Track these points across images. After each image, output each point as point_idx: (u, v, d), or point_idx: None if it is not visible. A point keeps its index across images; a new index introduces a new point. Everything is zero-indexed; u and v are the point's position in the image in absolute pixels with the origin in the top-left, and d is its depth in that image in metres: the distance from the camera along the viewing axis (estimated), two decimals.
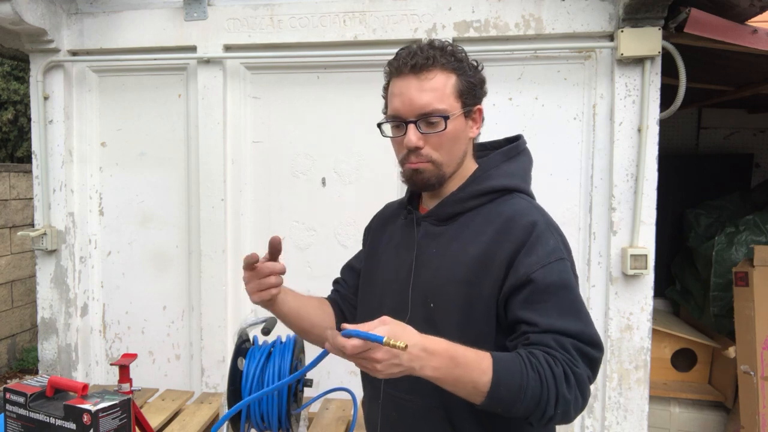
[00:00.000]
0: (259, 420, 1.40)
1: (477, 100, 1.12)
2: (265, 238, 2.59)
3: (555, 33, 2.31)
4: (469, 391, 0.92)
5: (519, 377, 0.91)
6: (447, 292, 1.09)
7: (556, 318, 0.98)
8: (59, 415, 1.20)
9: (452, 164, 1.11)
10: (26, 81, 6.42)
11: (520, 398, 0.91)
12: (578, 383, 0.94)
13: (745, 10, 2.03)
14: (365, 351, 0.85)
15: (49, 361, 2.69)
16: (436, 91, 1.05)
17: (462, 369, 0.90)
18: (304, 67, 2.50)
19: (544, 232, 1.05)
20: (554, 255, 1.03)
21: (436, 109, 1.05)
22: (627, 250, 2.26)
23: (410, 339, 0.87)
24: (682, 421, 3.09)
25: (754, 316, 2.72)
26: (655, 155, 2.26)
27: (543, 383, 0.91)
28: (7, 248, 4.66)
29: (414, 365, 0.88)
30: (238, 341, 1.48)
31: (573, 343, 0.97)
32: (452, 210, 1.14)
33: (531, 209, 1.10)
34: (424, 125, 1.06)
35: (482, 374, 0.90)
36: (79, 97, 2.67)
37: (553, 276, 1.00)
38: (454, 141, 1.09)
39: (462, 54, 1.11)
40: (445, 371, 0.90)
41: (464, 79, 1.09)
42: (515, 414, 0.92)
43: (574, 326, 0.98)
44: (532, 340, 0.97)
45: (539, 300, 0.99)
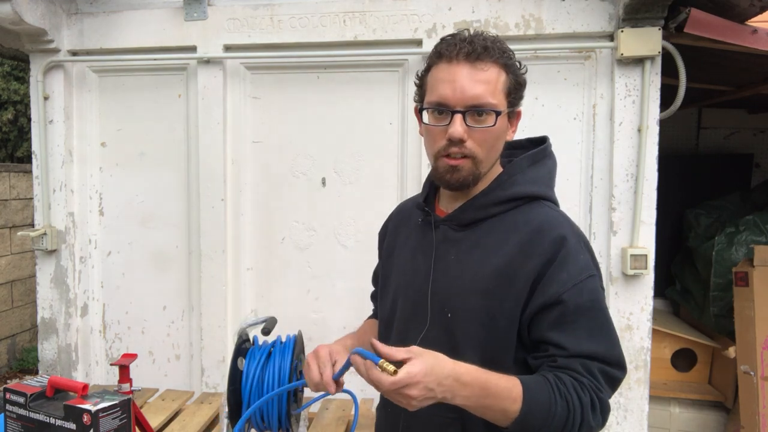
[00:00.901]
0: (259, 420, 1.40)
1: (520, 102, 1.09)
2: (265, 238, 2.60)
3: (555, 33, 2.31)
4: (498, 418, 0.93)
5: (547, 405, 0.91)
6: (466, 302, 1.05)
7: (584, 340, 0.97)
8: (59, 415, 1.20)
9: (489, 164, 1.06)
10: (26, 81, 6.42)
11: (547, 425, 0.92)
12: (602, 409, 0.96)
13: (745, 10, 2.03)
14: (401, 387, 0.85)
15: (49, 361, 2.69)
16: (489, 83, 0.99)
17: (493, 399, 0.90)
18: (304, 67, 2.50)
19: (574, 246, 1.01)
20: (585, 272, 1.00)
21: (489, 102, 0.99)
22: (627, 250, 2.26)
23: (443, 371, 0.87)
24: (682, 421, 3.09)
25: (754, 316, 2.72)
26: (655, 155, 2.26)
27: (570, 411, 0.92)
28: (7, 248, 4.66)
29: (447, 395, 0.88)
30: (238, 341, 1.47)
31: (600, 368, 0.97)
32: (474, 215, 1.08)
33: (560, 221, 1.05)
34: (471, 118, 0.99)
35: (513, 403, 0.91)
36: (79, 97, 2.67)
37: (584, 296, 0.98)
38: (497, 139, 1.04)
39: (511, 52, 1.06)
40: (476, 400, 0.90)
41: (513, 78, 1.04)
42: None
43: (602, 349, 0.98)
44: (559, 363, 0.97)
45: (569, 322, 0.98)
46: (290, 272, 2.59)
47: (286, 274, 2.59)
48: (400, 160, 2.45)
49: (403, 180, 2.45)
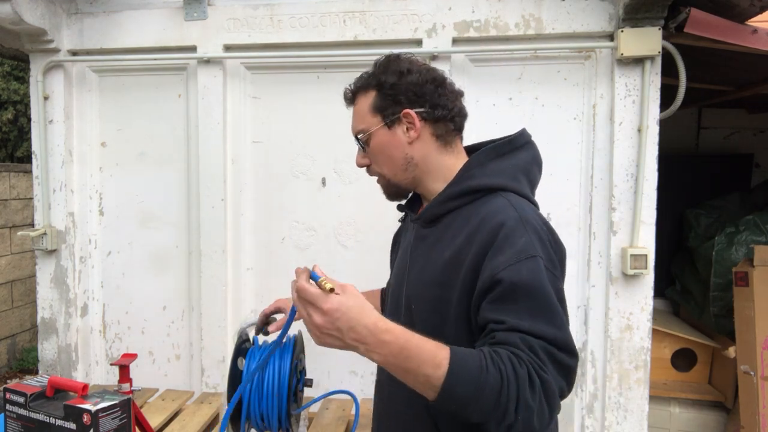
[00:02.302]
0: (259, 420, 1.40)
1: (400, 107, 1.13)
2: (265, 238, 2.60)
3: (555, 33, 2.31)
4: (422, 384, 0.85)
5: (477, 374, 0.83)
6: (424, 295, 1.10)
7: (526, 319, 0.90)
8: (59, 415, 1.20)
9: (398, 173, 1.16)
10: (26, 81, 6.42)
11: (476, 397, 0.83)
12: (544, 390, 0.85)
13: (745, 10, 2.03)
14: (310, 306, 0.85)
15: (49, 361, 2.69)
16: (357, 114, 1.19)
17: (414, 362, 0.84)
18: (304, 67, 2.50)
19: (513, 230, 0.98)
20: (524, 253, 0.95)
21: (358, 130, 1.18)
22: (627, 250, 2.26)
23: (361, 319, 0.84)
24: (682, 421, 3.09)
25: (754, 316, 2.72)
26: (655, 155, 2.26)
27: (503, 383, 0.83)
28: (7, 248, 4.66)
29: (358, 346, 0.84)
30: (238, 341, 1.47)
31: (542, 346, 0.88)
32: (435, 212, 1.14)
33: (505, 208, 1.03)
34: (360, 146, 1.20)
35: (436, 368, 0.83)
36: (79, 97, 2.67)
37: (521, 275, 0.93)
38: (380, 153, 1.16)
39: (383, 66, 1.16)
40: (395, 361, 0.84)
41: (382, 92, 1.14)
42: (471, 415, 0.85)
43: (546, 329, 0.89)
44: (498, 338, 0.90)
45: (508, 300, 0.92)
46: (290, 272, 2.57)
47: (286, 274, 2.58)
48: None
49: None
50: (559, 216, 2.36)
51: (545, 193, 2.35)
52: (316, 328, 0.84)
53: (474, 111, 2.23)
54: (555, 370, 0.88)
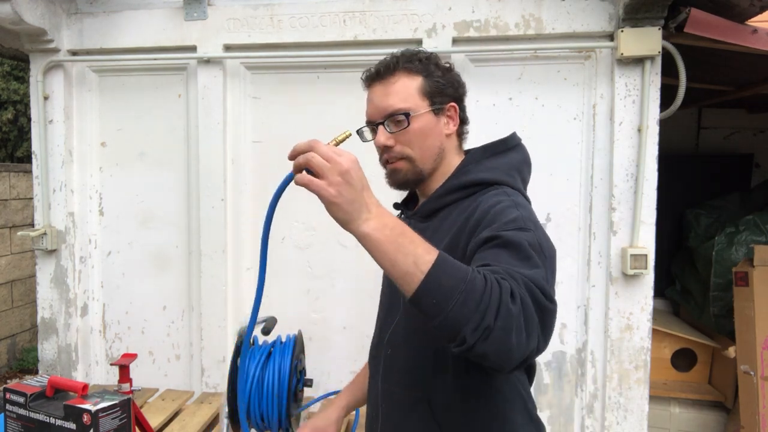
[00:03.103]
0: (259, 420, 1.40)
1: (448, 99, 1.17)
2: None
3: (555, 33, 2.31)
4: (407, 268, 0.82)
5: (465, 271, 0.82)
6: None
7: (510, 262, 0.89)
8: (59, 415, 1.20)
9: (428, 160, 1.16)
10: (26, 81, 6.42)
11: (459, 290, 0.79)
12: (525, 312, 0.82)
13: (745, 10, 2.03)
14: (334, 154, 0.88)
15: (49, 361, 2.69)
16: (398, 93, 1.14)
17: (407, 239, 0.84)
18: (304, 67, 2.50)
19: (505, 208, 1.02)
20: (515, 223, 0.97)
21: (400, 108, 1.13)
22: (627, 250, 2.26)
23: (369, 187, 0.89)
24: (682, 421, 3.09)
25: (754, 316, 2.72)
26: (655, 155, 2.26)
27: (488, 285, 0.80)
28: (7, 248, 4.66)
29: (363, 209, 0.87)
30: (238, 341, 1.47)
31: (524, 280, 0.85)
32: (433, 205, 1.17)
33: (499, 195, 1.08)
34: (392, 125, 1.14)
35: (426, 252, 0.83)
36: (79, 97, 2.67)
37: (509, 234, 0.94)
38: (423, 137, 1.14)
39: (428, 57, 1.18)
40: (390, 234, 0.85)
41: (431, 80, 1.15)
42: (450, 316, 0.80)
43: (527, 271, 0.88)
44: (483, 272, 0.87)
45: (494, 251, 0.92)
46: (290, 272, 2.58)
47: (286, 274, 2.59)
48: None
49: None
50: (559, 216, 2.36)
51: (545, 193, 2.36)
52: (340, 174, 0.86)
53: (474, 111, 2.23)
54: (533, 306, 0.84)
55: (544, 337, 0.86)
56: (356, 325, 2.51)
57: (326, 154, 0.87)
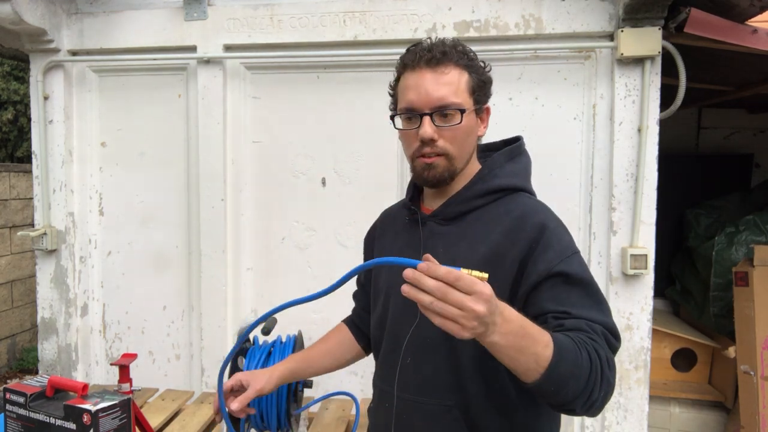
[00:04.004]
0: (259, 420, 1.40)
1: (486, 99, 1.15)
2: (265, 238, 2.60)
3: (555, 33, 2.31)
4: (530, 365, 0.86)
5: (576, 357, 0.88)
6: None
7: (582, 307, 0.97)
8: (59, 415, 1.20)
9: (463, 160, 1.12)
10: (26, 81, 6.42)
11: (575, 375, 0.87)
12: (612, 369, 0.93)
13: (745, 10, 2.03)
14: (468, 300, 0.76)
15: (49, 361, 2.69)
16: (451, 85, 1.06)
17: (529, 340, 0.85)
18: (304, 67, 2.50)
19: (557, 228, 1.06)
20: (570, 249, 1.04)
21: (453, 102, 1.06)
22: (627, 250, 2.26)
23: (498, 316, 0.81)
24: (682, 421, 3.09)
25: (754, 316, 2.72)
26: (655, 155, 2.26)
27: (593, 363, 0.89)
28: (7, 248, 4.66)
29: (494, 330, 0.82)
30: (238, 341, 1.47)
31: (603, 331, 0.96)
32: (459, 209, 1.13)
33: (540, 208, 1.11)
34: (438, 118, 1.06)
35: (545, 347, 0.86)
36: (79, 97, 2.67)
37: (574, 267, 1.01)
38: (467, 135, 1.10)
39: (472, 53, 1.13)
40: (513, 339, 0.84)
41: (476, 77, 1.11)
42: (564, 396, 0.87)
43: (599, 317, 0.98)
44: (566, 325, 0.95)
45: (564, 291, 0.99)
46: (290, 272, 2.59)
47: (286, 274, 2.59)
48: (400, 160, 2.45)
49: (403, 180, 2.45)
50: (559, 216, 2.35)
51: (545, 193, 2.35)
52: (476, 318, 0.77)
53: None
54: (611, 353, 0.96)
55: None
56: None
57: (459, 301, 0.77)
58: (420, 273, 0.79)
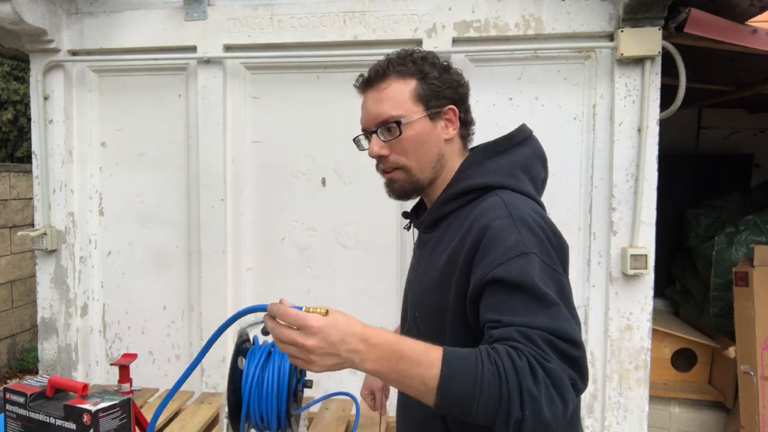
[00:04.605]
0: (259, 420, 1.40)
1: (446, 101, 1.09)
2: (265, 238, 2.60)
3: (555, 33, 2.31)
4: (418, 389, 0.81)
5: (473, 370, 0.79)
6: (425, 300, 1.09)
7: (521, 313, 0.86)
8: (59, 415, 1.20)
9: (425, 168, 1.10)
10: (26, 81, 6.42)
11: (476, 394, 0.78)
12: (551, 380, 0.80)
13: (745, 10, 2.03)
14: (299, 325, 0.79)
15: (49, 361, 2.69)
16: (390, 99, 1.08)
17: (407, 363, 0.81)
18: (304, 67, 2.50)
19: (503, 229, 0.95)
20: (514, 251, 0.91)
21: (391, 115, 1.07)
22: (627, 250, 2.26)
23: (350, 328, 0.81)
24: (682, 421, 3.09)
25: (754, 316, 2.72)
26: (655, 155, 2.26)
27: (502, 377, 0.78)
28: (7, 248, 4.66)
29: (353, 357, 0.80)
30: (238, 341, 1.47)
31: (542, 336, 0.83)
32: (434, 215, 1.12)
33: (496, 207, 1.00)
34: (385, 133, 1.08)
35: (429, 367, 0.80)
36: (79, 97, 2.67)
37: (512, 273, 0.89)
38: (418, 144, 1.08)
39: (423, 57, 1.10)
40: (388, 365, 0.81)
41: (425, 83, 1.08)
42: (477, 417, 0.80)
43: (542, 321, 0.85)
44: (494, 336, 0.85)
45: (501, 299, 0.89)
46: (290, 272, 2.59)
47: (286, 274, 2.59)
48: None
49: None
50: (559, 216, 2.35)
51: (545, 193, 2.36)
52: (310, 352, 0.79)
53: (474, 111, 2.22)
54: (561, 361, 0.83)
55: (582, 380, 0.85)
56: None
57: (288, 340, 0.80)
58: (266, 316, 0.84)
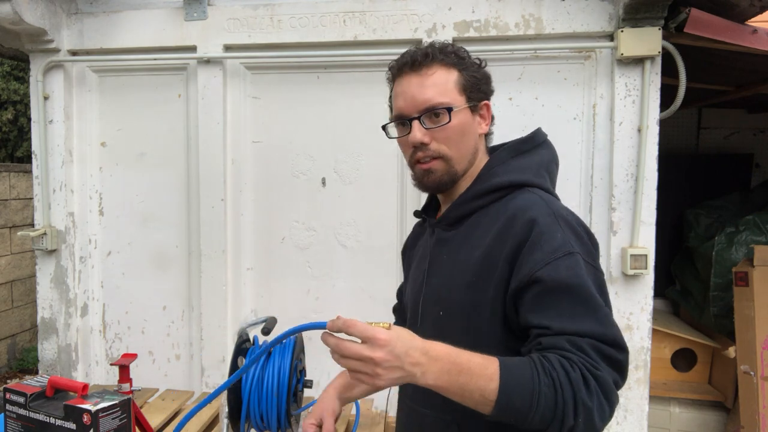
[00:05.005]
0: (259, 420, 1.40)
1: (483, 96, 1.11)
2: (265, 238, 2.60)
3: (555, 33, 2.31)
4: (477, 401, 0.84)
5: (530, 383, 0.83)
6: (454, 298, 1.05)
7: (568, 320, 0.89)
8: (59, 415, 1.20)
9: (463, 160, 1.08)
10: (26, 81, 6.42)
11: (533, 406, 0.82)
12: (601, 388, 0.84)
13: (745, 10, 2.03)
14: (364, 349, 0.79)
15: (49, 361, 2.69)
16: (437, 85, 1.04)
17: (467, 376, 0.83)
18: (304, 67, 2.50)
19: (549, 226, 0.96)
20: (561, 250, 0.93)
21: (439, 102, 1.04)
22: (627, 250, 2.25)
23: (412, 342, 0.82)
24: (682, 421, 3.09)
25: (754, 316, 2.72)
26: (655, 155, 2.26)
27: (558, 389, 0.82)
28: (7, 248, 4.66)
29: (415, 371, 0.81)
30: (238, 341, 1.47)
31: (591, 344, 0.87)
32: (459, 212, 1.10)
33: (536, 203, 1.01)
34: (428, 120, 1.04)
35: (489, 381, 0.83)
36: (79, 97, 2.67)
37: (560, 273, 0.91)
38: (461, 134, 1.06)
39: (463, 51, 1.10)
40: (449, 378, 0.83)
41: (467, 74, 1.07)
42: (532, 425, 0.83)
43: (591, 327, 0.88)
44: (544, 344, 0.89)
45: (549, 301, 0.91)
46: (290, 272, 2.59)
47: (286, 274, 2.59)
48: (400, 160, 2.45)
49: (403, 180, 2.45)
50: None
51: None
52: (377, 365, 0.79)
53: None
54: (607, 365, 0.87)
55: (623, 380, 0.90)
56: None
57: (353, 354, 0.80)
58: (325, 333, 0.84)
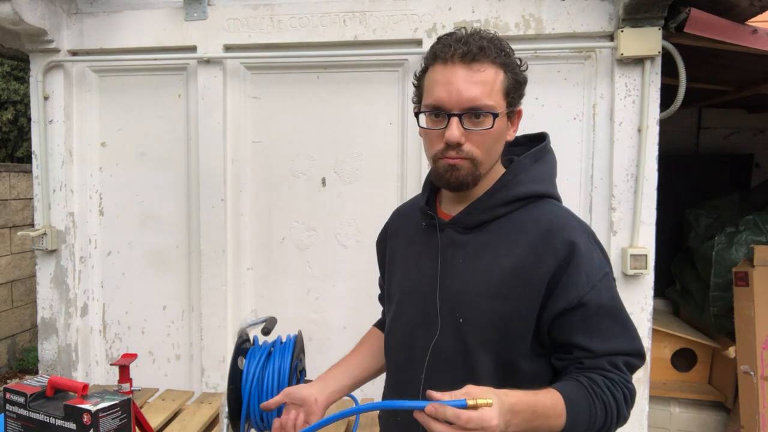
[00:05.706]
0: (259, 420, 1.40)
1: (519, 101, 1.07)
2: (265, 238, 2.60)
3: (555, 33, 2.31)
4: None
5: (588, 411, 0.95)
6: (478, 306, 1.02)
7: (608, 340, 1.00)
8: (59, 415, 1.20)
9: (488, 165, 1.04)
10: (26, 81, 6.42)
11: (589, 429, 0.96)
12: (632, 398, 1.00)
13: (745, 10, 2.03)
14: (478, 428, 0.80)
15: (49, 361, 2.69)
16: (486, 85, 0.97)
17: (541, 419, 0.91)
18: (304, 67, 2.50)
19: (587, 246, 1.02)
20: (600, 272, 1.01)
21: (486, 104, 0.96)
22: (627, 250, 2.25)
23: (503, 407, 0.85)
24: (682, 421, 3.09)
25: (754, 316, 2.72)
26: (655, 155, 2.26)
27: (608, 411, 0.96)
28: (7, 248, 4.66)
29: (505, 428, 0.85)
30: (238, 341, 1.47)
31: (625, 361, 1.00)
32: (482, 217, 1.06)
33: (569, 219, 1.07)
34: (468, 120, 0.97)
35: (558, 418, 0.92)
36: (79, 97, 2.67)
37: (603, 296, 1.00)
38: (496, 140, 1.01)
39: (510, 49, 1.03)
40: (526, 425, 0.89)
41: (511, 76, 1.01)
42: None
43: (625, 344, 1.01)
44: (587, 365, 1.00)
45: (593, 323, 1.00)
46: (290, 272, 2.59)
47: (286, 274, 2.59)
48: (400, 160, 2.45)
49: (403, 180, 2.45)
50: None
51: None
52: None
53: None
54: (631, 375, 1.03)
55: None
56: (356, 325, 2.51)
57: None
58: (427, 417, 0.81)
